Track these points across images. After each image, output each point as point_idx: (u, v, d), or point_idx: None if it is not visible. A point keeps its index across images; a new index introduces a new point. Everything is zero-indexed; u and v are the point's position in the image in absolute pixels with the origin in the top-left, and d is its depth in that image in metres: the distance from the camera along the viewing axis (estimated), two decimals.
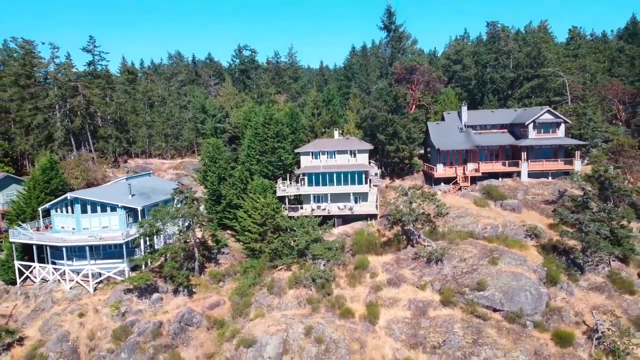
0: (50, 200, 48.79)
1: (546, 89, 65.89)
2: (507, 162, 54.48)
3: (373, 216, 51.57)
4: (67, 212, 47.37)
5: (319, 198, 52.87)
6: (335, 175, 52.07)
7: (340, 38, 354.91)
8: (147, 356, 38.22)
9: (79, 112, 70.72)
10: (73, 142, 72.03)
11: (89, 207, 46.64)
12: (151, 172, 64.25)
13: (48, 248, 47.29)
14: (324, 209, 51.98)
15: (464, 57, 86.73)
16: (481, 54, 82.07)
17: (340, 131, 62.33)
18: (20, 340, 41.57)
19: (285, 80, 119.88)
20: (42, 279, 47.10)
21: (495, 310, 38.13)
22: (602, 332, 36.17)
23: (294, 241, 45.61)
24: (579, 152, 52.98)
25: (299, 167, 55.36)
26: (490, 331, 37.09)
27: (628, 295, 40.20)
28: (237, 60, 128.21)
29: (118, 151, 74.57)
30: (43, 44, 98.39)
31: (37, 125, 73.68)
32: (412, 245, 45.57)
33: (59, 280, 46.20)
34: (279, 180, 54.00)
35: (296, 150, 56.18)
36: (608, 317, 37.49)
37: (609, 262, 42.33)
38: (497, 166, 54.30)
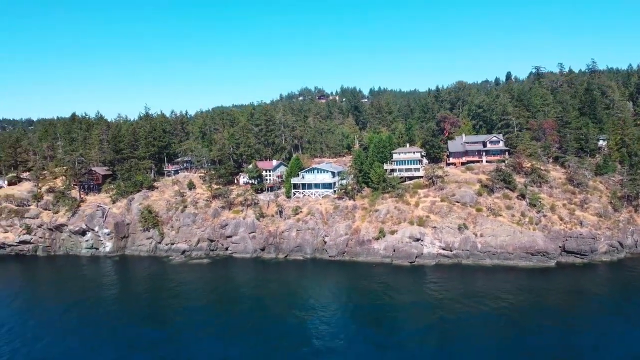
0: (300, 170, 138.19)
1: (507, 125, 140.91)
2: (477, 156, 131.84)
3: (421, 177, 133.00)
4: (311, 172, 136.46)
5: (401, 169, 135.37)
6: (407, 161, 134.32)
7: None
8: (350, 209, 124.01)
9: (296, 137, 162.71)
10: (292, 150, 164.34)
11: (319, 171, 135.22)
12: (330, 162, 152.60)
13: (305, 184, 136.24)
14: (400, 174, 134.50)
15: (483, 105, 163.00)
16: (489, 104, 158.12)
17: (410, 144, 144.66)
18: (300, 213, 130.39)
19: (383, 115, 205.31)
20: (302, 195, 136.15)
21: (457, 202, 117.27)
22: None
23: (391, 183, 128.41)
24: (507, 152, 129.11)
25: (392, 158, 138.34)
26: (456, 208, 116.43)
27: (509, 200, 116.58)
28: (350, 99, 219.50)
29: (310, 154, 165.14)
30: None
31: (272, 143, 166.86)
32: (435, 184, 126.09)
33: (309, 195, 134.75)
34: (385, 164, 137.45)
35: (392, 152, 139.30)
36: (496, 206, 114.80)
37: (504, 190, 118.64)
38: (474, 158, 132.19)
